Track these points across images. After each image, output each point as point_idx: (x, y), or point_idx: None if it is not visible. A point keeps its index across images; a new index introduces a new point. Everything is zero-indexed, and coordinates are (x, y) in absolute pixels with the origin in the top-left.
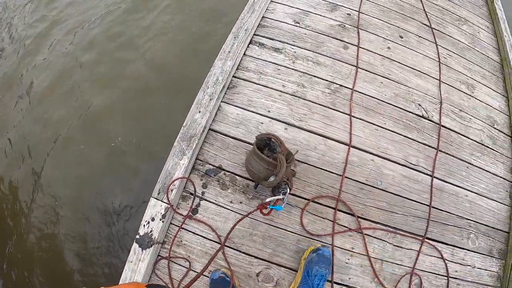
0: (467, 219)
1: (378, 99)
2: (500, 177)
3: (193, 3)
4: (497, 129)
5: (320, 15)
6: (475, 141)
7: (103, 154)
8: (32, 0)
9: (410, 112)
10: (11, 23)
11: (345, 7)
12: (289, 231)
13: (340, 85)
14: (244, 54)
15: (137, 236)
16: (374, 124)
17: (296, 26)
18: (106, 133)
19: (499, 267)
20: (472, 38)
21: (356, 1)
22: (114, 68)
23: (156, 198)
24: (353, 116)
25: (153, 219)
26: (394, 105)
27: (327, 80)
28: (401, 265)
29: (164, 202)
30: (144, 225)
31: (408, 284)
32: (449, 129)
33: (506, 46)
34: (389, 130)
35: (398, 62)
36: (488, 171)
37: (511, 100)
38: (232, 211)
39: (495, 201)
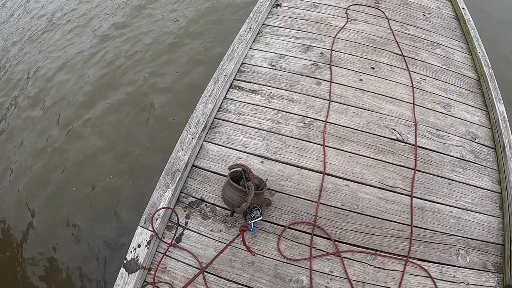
0: (454, 235)
1: (351, 128)
2: (487, 189)
3: None
4: (478, 143)
5: (295, 57)
6: (455, 157)
7: None
8: None
9: (384, 137)
10: None
11: (318, 47)
12: (266, 257)
13: (314, 119)
14: (225, 97)
15: (125, 261)
16: (347, 152)
17: (272, 69)
18: None
19: (498, 282)
20: (446, 60)
21: (328, 41)
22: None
23: (142, 227)
24: (326, 146)
25: (139, 246)
26: (367, 132)
27: (301, 115)
28: (385, 286)
29: (149, 230)
30: (131, 251)
31: None
32: (426, 148)
33: (482, 62)
34: (362, 155)
35: (371, 92)
36: (472, 185)
37: (491, 113)
38: (213, 239)
39: (484, 214)
